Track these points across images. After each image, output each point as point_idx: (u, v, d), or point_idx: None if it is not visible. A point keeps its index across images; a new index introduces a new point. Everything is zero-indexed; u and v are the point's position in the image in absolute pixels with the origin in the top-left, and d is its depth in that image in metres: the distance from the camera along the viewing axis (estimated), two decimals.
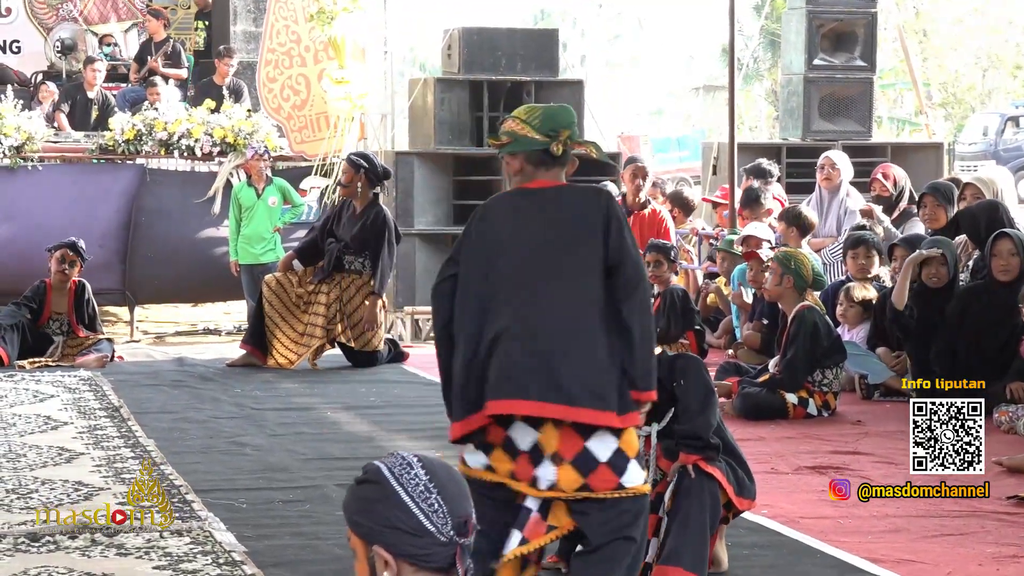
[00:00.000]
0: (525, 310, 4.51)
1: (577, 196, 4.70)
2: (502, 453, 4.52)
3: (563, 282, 4.53)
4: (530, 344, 4.47)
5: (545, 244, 4.58)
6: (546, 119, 4.72)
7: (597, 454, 4.47)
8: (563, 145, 4.68)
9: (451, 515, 2.67)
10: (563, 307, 4.51)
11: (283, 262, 11.04)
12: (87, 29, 17.15)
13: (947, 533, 5.89)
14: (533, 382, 4.44)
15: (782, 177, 13.63)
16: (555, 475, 4.45)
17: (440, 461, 2.75)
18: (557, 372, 4.44)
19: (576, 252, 4.55)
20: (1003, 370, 8.45)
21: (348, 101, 13.14)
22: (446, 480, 2.71)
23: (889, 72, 34.56)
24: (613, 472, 4.47)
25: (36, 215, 12.69)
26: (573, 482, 4.45)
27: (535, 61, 14.17)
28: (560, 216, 4.62)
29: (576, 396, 4.42)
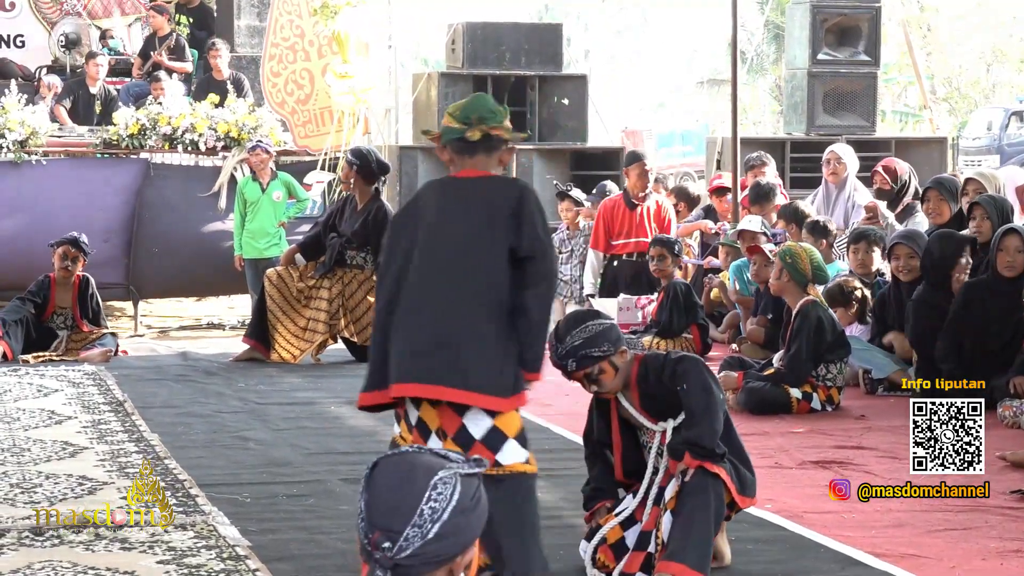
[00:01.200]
0: (428, 293, 4.75)
1: (494, 186, 4.90)
2: (404, 425, 4.84)
3: (469, 268, 4.75)
4: (429, 328, 4.71)
5: (458, 230, 4.79)
6: (463, 108, 4.95)
7: (472, 431, 4.70)
8: (478, 131, 4.85)
9: (367, 523, 2.63)
10: (464, 292, 4.74)
11: (285, 256, 11.04)
12: (91, 24, 17.14)
13: (951, 528, 5.88)
14: (427, 366, 4.69)
15: (785, 171, 13.61)
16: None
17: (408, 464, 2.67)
18: (429, 351, 4.69)
19: (485, 239, 4.76)
20: (1007, 365, 8.45)
21: (352, 96, 13.14)
22: (381, 488, 2.64)
23: (893, 66, 34.53)
24: (488, 449, 4.68)
25: (40, 210, 12.70)
26: None
27: (539, 56, 14.18)
28: (476, 205, 4.83)
29: (442, 375, 4.67)
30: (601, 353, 5.13)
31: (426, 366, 4.69)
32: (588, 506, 5.41)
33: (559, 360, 5.18)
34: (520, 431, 4.77)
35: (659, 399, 5.19)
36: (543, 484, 5.47)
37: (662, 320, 10.69)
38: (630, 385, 5.23)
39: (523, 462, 4.74)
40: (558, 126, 14.22)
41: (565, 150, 14.14)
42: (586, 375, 5.18)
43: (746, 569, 5.32)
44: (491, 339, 4.70)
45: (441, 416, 4.72)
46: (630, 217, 11.92)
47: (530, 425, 8.32)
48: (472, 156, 4.89)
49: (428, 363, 4.69)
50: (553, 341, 5.19)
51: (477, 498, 2.67)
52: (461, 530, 2.62)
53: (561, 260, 12.83)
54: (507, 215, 4.75)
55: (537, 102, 14.08)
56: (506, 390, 4.71)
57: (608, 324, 5.22)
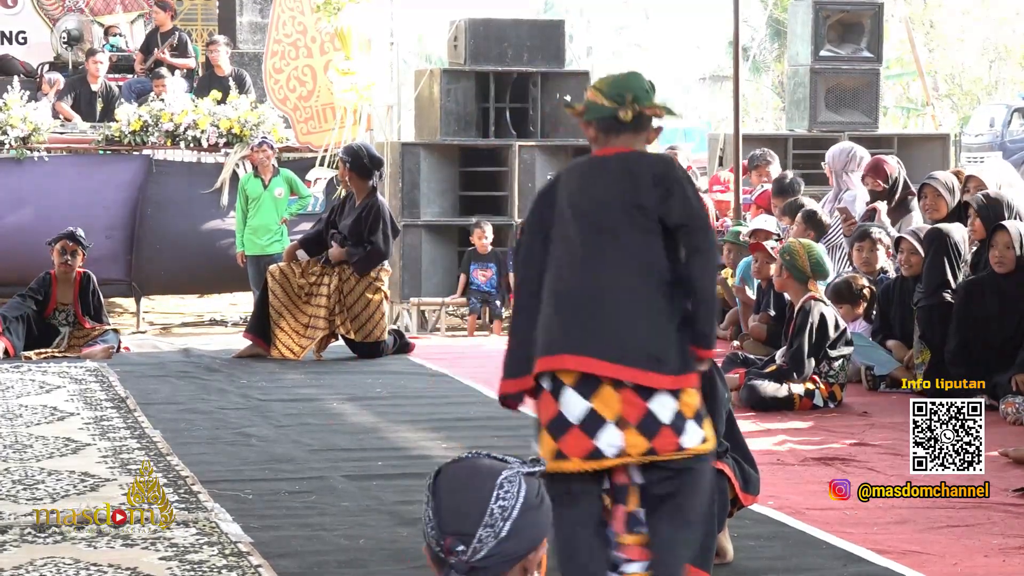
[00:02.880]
0: (584, 272, 4.48)
1: (641, 160, 4.65)
2: (546, 435, 4.44)
3: (622, 243, 4.50)
4: (585, 306, 4.44)
5: (605, 206, 4.54)
6: (613, 85, 4.70)
7: (660, 416, 4.40)
8: (631, 110, 4.63)
9: (438, 530, 2.66)
10: (621, 268, 4.48)
11: (287, 252, 11.03)
12: (93, 20, 17.15)
13: (953, 525, 5.89)
14: (586, 340, 4.39)
15: (787, 167, 13.61)
16: (622, 440, 4.38)
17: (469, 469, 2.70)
18: (611, 332, 4.40)
19: (636, 213, 4.52)
20: (1009, 361, 8.45)
21: (354, 92, 13.13)
22: (447, 494, 2.68)
23: (896, 62, 34.52)
24: (674, 433, 4.41)
25: (42, 206, 12.71)
26: (641, 446, 4.38)
27: (541, 52, 14.17)
28: (622, 179, 4.58)
29: (633, 356, 4.37)
30: None
31: (608, 345, 4.39)
32: None
33: None
34: (697, 410, 4.50)
35: None
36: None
37: None
38: None
39: (700, 443, 4.47)
40: (560, 123, 14.21)
41: (567, 147, 14.13)
42: None
43: (748, 566, 5.32)
44: (663, 320, 4.44)
45: (623, 402, 4.39)
46: None
47: (532, 422, 8.35)
48: (619, 135, 4.65)
49: (610, 341, 4.39)
50: None
51: (542, 496, 2.73)
52: (531, 527, 2.67)
53: None
54: (652, 185, 4.52)
55: (539, 99, 14.07)
56: (685, 368, 4.45)
57: None
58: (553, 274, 4.54)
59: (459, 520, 2.64)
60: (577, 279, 4.49)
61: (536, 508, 2.69)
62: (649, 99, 4.68)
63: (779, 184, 11.98)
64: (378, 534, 5.73)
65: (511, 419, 8.21)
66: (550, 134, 14.19)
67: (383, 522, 5.93)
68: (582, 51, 43.65)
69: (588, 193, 4.60)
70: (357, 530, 5.79)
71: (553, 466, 4.37)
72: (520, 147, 13.79)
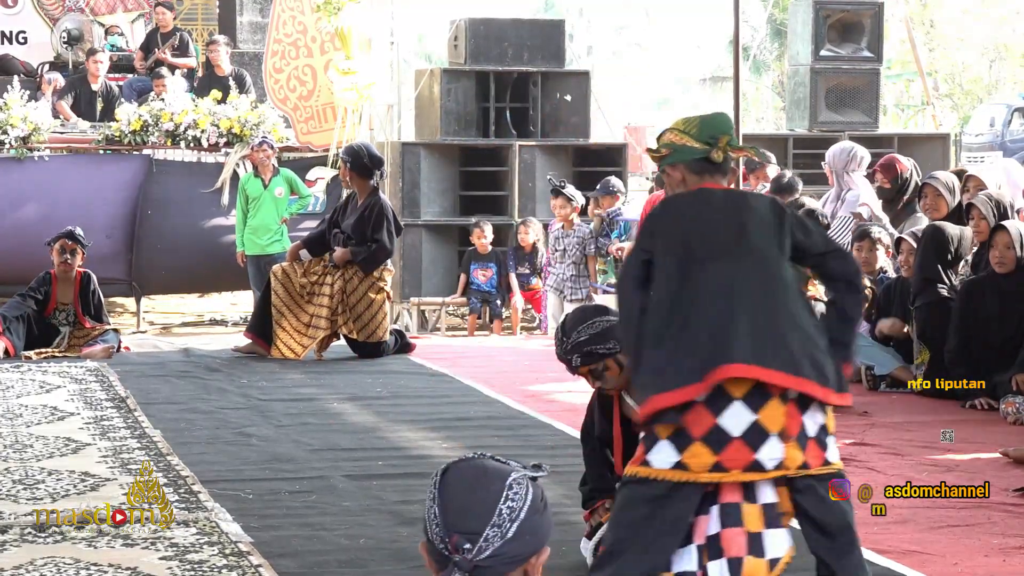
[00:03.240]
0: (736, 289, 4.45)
1: (754, 196, 4.77)
2: (701, 447, 4.35)
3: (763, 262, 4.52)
4: (752, 319, 4.41)
5: (735, 229, 4.55)
6: (704, 127, 4.71)
7: (808, 429, 4.42)
8: (723, 152, 4.67)
9: (443, 528, 2.64)
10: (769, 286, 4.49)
11: (291, 252, 11.02)
12: (94, 20, 17.15)
13: (953, 524, 5.88)
14: (767, 352, 4.36)
15: (788, 167, 13.60)
16: (783, 453, 4.37)
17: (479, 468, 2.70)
18: (784, 345, 4.39)
19: (768, 236, 4.54)
20: (1009, 361, 8.46)
21: (354, 92, 13.13)
22: (455, 492, 2.66)
23: (896, 62, 34.52)
24: (819, 447, 4.44)
25: (43, 206, 12.71)
26: (798, 459, 4.39)
27: (541, 52, 14.18)
28: (743, 206, 4.62)
29: (804, 369, 4.38)
30: (607, 350, 5.10)
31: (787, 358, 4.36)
32: (587, 505, 5.41)
33: (564, 355, 5.15)
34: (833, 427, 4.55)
35: None
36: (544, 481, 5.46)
37: None
38: None
39: (839, 460, 4.52)
40: (560, 122, 14.22)
41: (567, 146, 14.13)
42: (591, 371, 5.16)
43: None
44: (819, 335, 4.48)
45: (787, 415, 4.36)
46: None
47: (532, 421, 8.36)
48: (712, 175, 4.68)
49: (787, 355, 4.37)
50: (559, 335, 5.18)
51: (545, 501, 2.74)
52: (536, 529, 2.68)
53: (555, 259, 12.82)
54: (784, 216, 4.58)
55: (539, 98, 14.07)
56: (844, 387, 4.48)
57: (615, 321, 5.20)
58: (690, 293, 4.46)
59: (466, 518, 2.64)
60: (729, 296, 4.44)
61: (541, 513, 2.70)
62: (735, 140, 4.77)
63: (777, 184, 11.98)
64: (378, 534, 5.73)
65: (511, 419, 8.24)
66: (550, 134, 14.19)
67: (383, 522, 5.93)
68: (582, 51, 43.62)
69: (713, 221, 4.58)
70: (357, 530, 5.79)
71: (708, 477, 4.34)
72: (520, 147, 13.79)
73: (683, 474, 4.32)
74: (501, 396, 9.07)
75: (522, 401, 8.82)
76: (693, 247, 4.52)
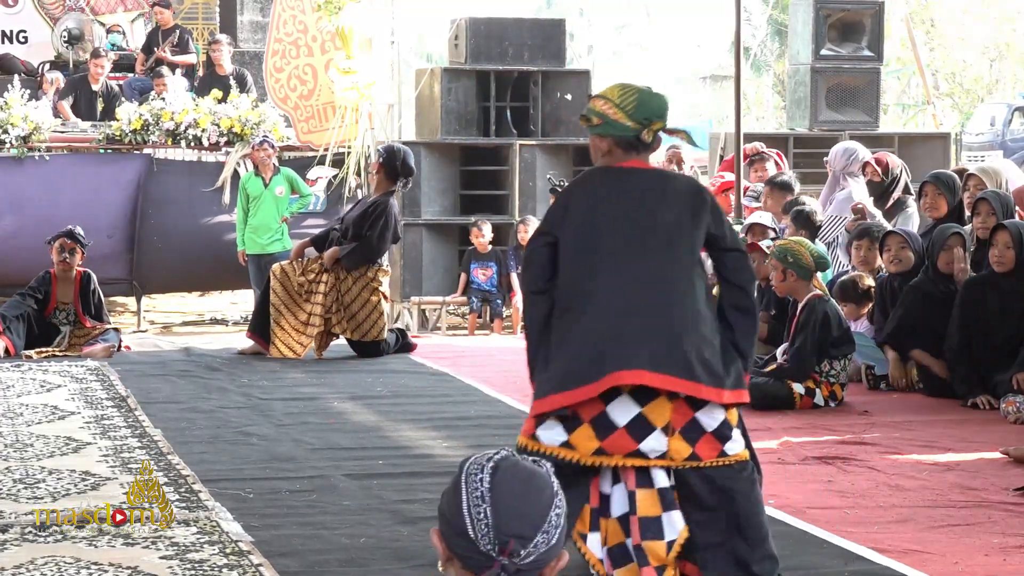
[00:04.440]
0: (638, 285, 4.51)
1: (676, 180, 4.77)
2: (589, 430, 4.47)
3: (677, 262, 4.56)
4: (649, 318, 4.47)
5: (647, 220, 4.58)
6: (640, 107, 4.71)
7: (704, 425, 4.52)
8: (653, 134, 4.71)
9: (495, 530, 2.61)
10: (680, 285, 4.54)
11: (296, 250, 11.00)
12: (94, 19, 17.15)
13: (953, 524, 5.89)
14: (660, 355, 4.43)
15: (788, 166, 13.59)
16: (666, 445, 4.47)
17: (528, 471, 2.66)
18: (678, 347, 4.45)
19: (687, 228, 4.58)
20: (1010, 360, 8.46)
21: (355, 91, 13.13)
22: (509, 494, 2.62)
23: (897, 61, 34.52)
24: (717, 440, 4.54)
25: (43, 205, 12.70)
26: (684, 451, 4.50)
27: (542, 51, 14.17)
28: (663, 195, 4.64)
29: (697, 372, 4.45)
30: None
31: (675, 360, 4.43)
32: None
33: None
34: (739, 418, 4.64)
35: None
36: None
37: None
38: None
39: (743, 450, 4.62)
40: (561, 122, 14.21)
41: (568, 146, 14.13)
42: None
43: None
44: (714, 337, 4.54)
45: (675, 411, 4.48)
46: None
47: None
48: (639, 152, 4.73)
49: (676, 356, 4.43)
50: None
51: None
52: (565, 533, 2.69)
53: None
54: (699, 209, 4.60)
55: (540, 98, 14.07)
56: (738, 384, 4.56)
57: None
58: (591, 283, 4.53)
59: (522, 523, 2.61)
60: (632, 295, 4.50)
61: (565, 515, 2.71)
62: (666, 117, 4.76)
63: (770, 184, 11.97)
64: (379, 533, 5.74)
65: (512, 418, 8.23)
66: (551, 133, 14.18)
67: (384, 521, 5.93)
68: (583, 50, 43.61)
69: (626, 204, 4.61)
70: (358, 529, 5.79)
71: (591, 460, 4.45)
72: (521, 146, 13.78)
73: (570, 452, 4.45)
74: (502, 395, 9.08)
75: (522, 400, 8.82)
76: (600, 235, 4.57)
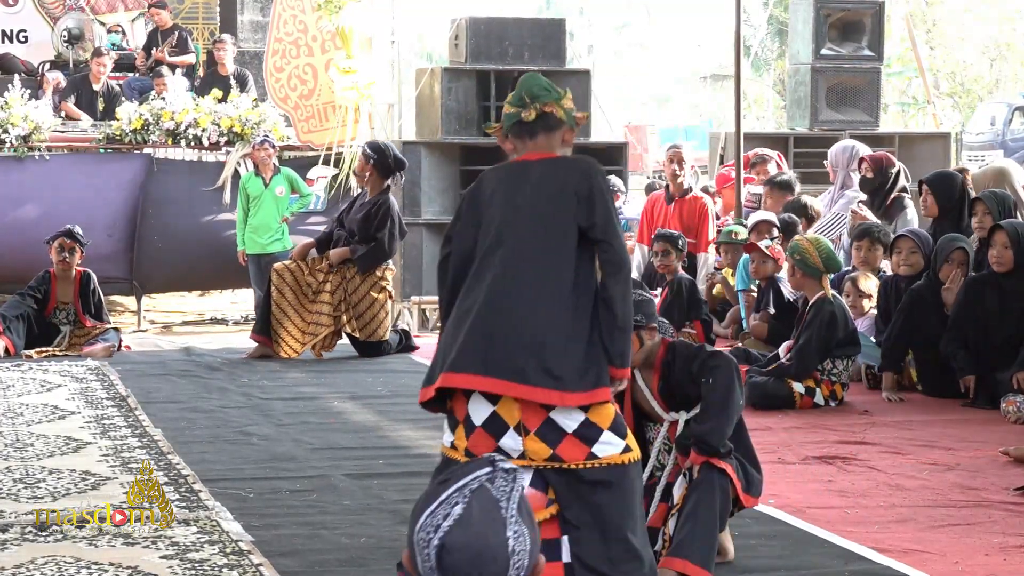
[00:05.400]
0: (496, 286, 4.48)
1: (563, 167, 4.61)
2: (461, 430, 4.52)
3: (538, 256, 4.50)
4: (494, 322, 4.45)
5: (523, 215, 4.54)
6: (515, 91, 4.70)
7: (563, 426, 4.44)
8: (533, 110, 4.62)
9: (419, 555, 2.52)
10: (534, 283, 4.47)
11: (299, 250, 10.99)
12: (94, 18, 17.15)
13: (954, 523, 5.88)
14: (486, 357, 4.42)
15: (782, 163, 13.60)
16: (522, 445, 4.45)
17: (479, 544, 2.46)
18: (515, 350, 4.40)
19: (555, 223, 4.51)
20: (1010, 360, 8.46)
21: (355, 91, 13.13)
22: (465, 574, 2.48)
23: (897, 60, 34.52)
24: (583, 442, 4.45)
25: (43, 205, 12.70)
26: (542, 452, 4.45)
27: (542, 51, 14.16)
28: (542, 187, 4.56)
29: (533, 375, 4.39)
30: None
31: (504, 361, 4.39)
32: None
33: None
34: (615, 420, 4.50)
35: (678, 388, 5.15)
36: None
37: (667, 315, 10.66)
38: (653, 367, 5.19)
39: (619, 452, 4.49)
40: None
41: None
42: None
43: (749, 564, 5.31)
44: (571, 331, 4.43)
45: (523, 410, 4.43)
46: (666, 211, 12.01)
47: None
48: (533, 138, 4.63)
49: (506, 358, 4.39)
50: None
51: (529, 510, 2.56)
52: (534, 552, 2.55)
53: None
54: (576, 194, 4.48)
55: None
56: (588, 385, 4.41)
57: (645, 298, 5.18)
58: (469, 285, 4.55)
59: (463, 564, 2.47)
60: (490, 293, 4.48)
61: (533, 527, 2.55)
62: (550, 97, 4.66)
63: (774, 181, 11.99)
64: (379, 533, 5.73)
65: None
66: None
67: (384, 521, 5.93)
68: (583, 50, 43.61)
69: (508, 201, 4.58)
70: (358, 529, 5.79)
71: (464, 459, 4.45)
72: None
73: (453, 453, 4.54)
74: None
75: None
76: (479, 236, 4.57)
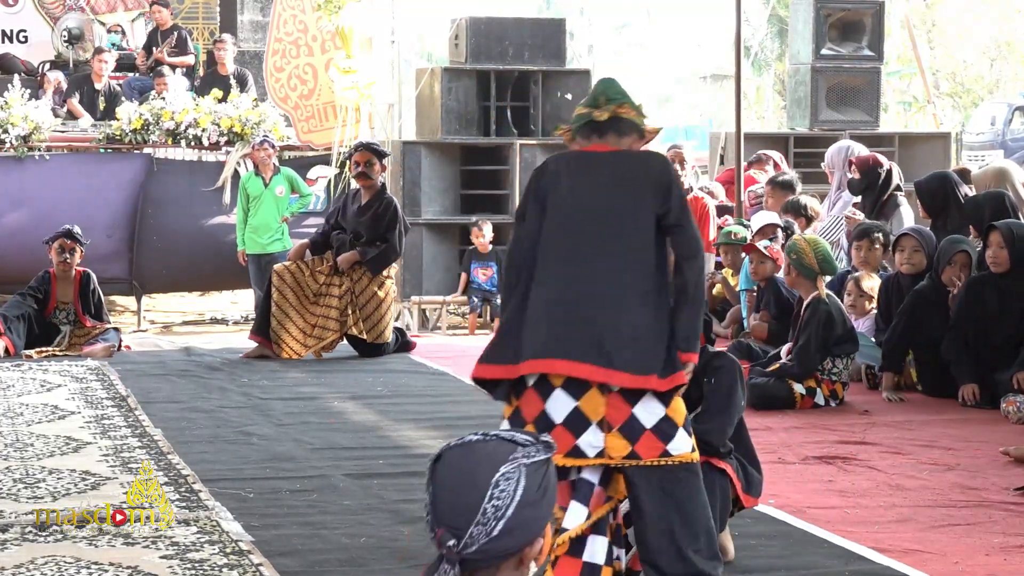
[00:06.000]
0: (574, 271, 4.51)
1: (635, 157, 4.69)
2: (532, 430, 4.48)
3: (615, 241, 4.53)
4: (575, 307, 4.47)
5: (599, 203, 4.58)
6: (592, 93, 4.79)
7: (643, 421, 4.46)
8: (607, 111, 4.68)
9: (432, 517, 2.63)
10: (612, 268, 4.51)
11: (295, 252, 10.99)
12: (94, 18, 17.14)
13: (954, 523, 5.88)
14: (575, 344, 4.43)
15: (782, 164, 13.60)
16: (603, 442, 4.45)
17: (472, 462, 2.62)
18: (600, 335, 4.43)
19: (631, 211, 4.56)
20: (1010, 360, 8.46)
21: (355, 91, 13.13)
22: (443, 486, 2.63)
23: (897, 59, 34.51)
24: (659, 439, 4.47)
25: (43, 205, 12.70)
26: (621, 449, 4.46)
27: (542, 51, 14.16)
28: (616, 175, 4.62)
29: (617, 359, 4.41)
30: None
31: (593, 348, 4.40)
32: None
33: None
34: (686, 419, 4.56)
35: None
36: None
37: None
38: None
39: (690, 451, 4.54)
40: (561, 121, 14.15)
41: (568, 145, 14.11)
42: None
43: (749, 564, 5.31)
44: (652, 321, 4.47)
45: (609, 405, 4.45)
46: None
47: None
48: (602, 136, 4.70)
49: (595, 344, 4.41)
50: None
51: (544, 487, 2.65)
52: (527, 523, 2.63)
53: None
54: (655, 186, 4.55)
55: (540, 97, 14.07)
56: (671, 370, 4.45)
57: None
58: (544, 270, 4.56)
59: (452, 515, 2.61)
60: (569, 279, 4.51)
61: (536, 503, 2.63)
62: (625, 99, 4.73)
63: (775, 181, 11.99)
64: (379, 532, 5.73)
65: None
66: (551, 132, 14.17)
67: (384, 521, 5.93)
68: (583, 49, 43.57)
69: (577, 189, 4.62)
70: (358, 529, 5.79)
71: None
72: (521, 145, 13.78)
73: None
74: None
75: None
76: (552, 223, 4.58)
